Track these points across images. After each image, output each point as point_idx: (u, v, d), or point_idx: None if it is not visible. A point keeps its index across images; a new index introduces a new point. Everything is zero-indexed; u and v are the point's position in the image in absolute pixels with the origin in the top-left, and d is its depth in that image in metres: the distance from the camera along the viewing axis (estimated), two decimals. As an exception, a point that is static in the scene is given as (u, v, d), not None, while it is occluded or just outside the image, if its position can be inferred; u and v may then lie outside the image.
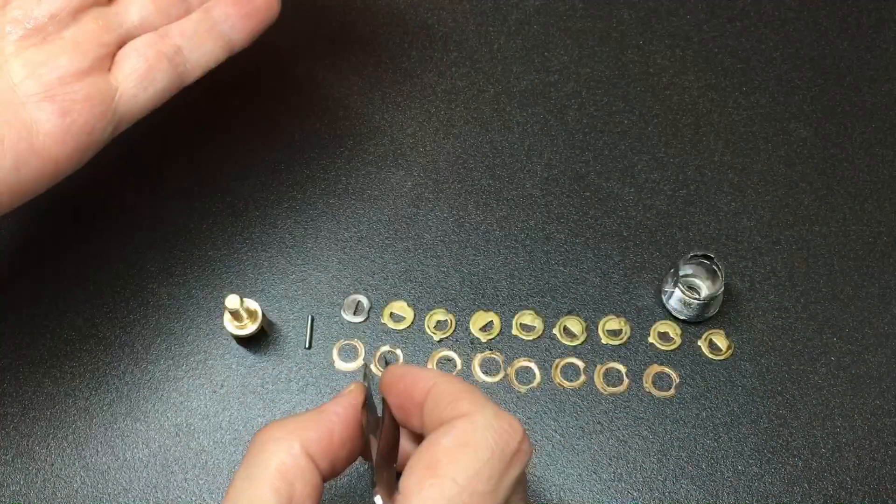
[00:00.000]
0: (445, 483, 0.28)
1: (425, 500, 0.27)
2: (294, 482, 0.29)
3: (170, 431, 0.42)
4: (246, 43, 0.40)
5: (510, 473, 0.29)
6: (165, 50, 0.38)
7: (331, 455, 0.31)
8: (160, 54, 0.38)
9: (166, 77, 0.38)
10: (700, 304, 0.43)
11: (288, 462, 0.29)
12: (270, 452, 0.30)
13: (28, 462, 0.42)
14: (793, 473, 0.41)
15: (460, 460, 0.28)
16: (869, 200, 0.48)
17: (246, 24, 0.39)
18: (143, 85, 0.37)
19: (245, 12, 0.39)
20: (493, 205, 0.48)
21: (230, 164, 0.49)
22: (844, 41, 0.53)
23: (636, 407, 0.43)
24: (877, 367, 0.44)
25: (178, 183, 0.48)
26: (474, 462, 0.28)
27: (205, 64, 0.39)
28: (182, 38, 0.38)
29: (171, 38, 0.38)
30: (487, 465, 0.28)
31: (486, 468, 0.28)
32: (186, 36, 0.38)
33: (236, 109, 0.50)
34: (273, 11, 0.40)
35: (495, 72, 0.52)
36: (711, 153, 0.49)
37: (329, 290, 0.45)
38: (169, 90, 0.38)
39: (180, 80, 0.39)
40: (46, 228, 0.47)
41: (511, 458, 0.29)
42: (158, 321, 0.45)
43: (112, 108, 0.37)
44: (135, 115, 0.38)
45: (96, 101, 0.36)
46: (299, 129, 0.50)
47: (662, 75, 0.52)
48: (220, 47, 0.39)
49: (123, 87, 0.37)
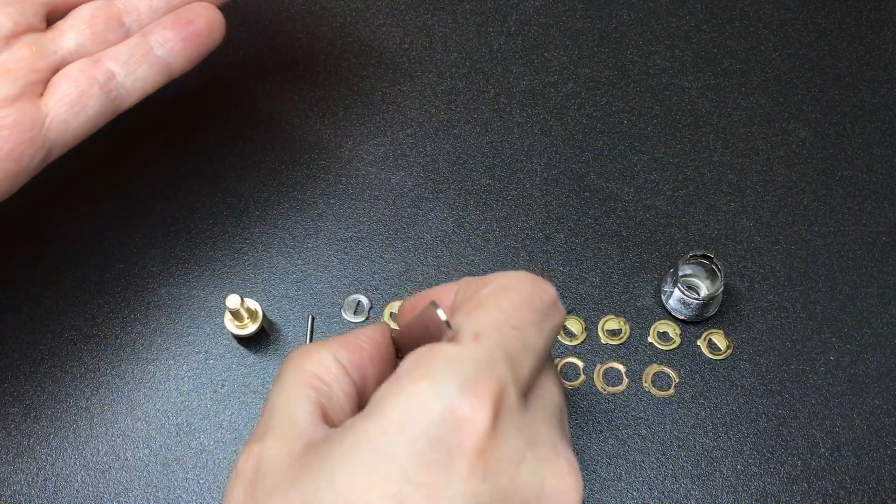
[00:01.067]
0: (492, 310, 0.28)
1: (475, 324, 0.28)
2: (331, 384, 0.29)
3: (170, 431, 0.42)
4: (186, 67, 0.39)
5: (550, 321, 0.29)
6: (98, 75, 0.37)
7: (361, 369, 0.30)
8: (92, 80, 0.37)
9: (98, 103, 0.37)
10: (699, 304, 0.44)
11: (321, 367, 0.29)
12: (303, 360, 0.30)
13: (29, 461, 0.42)
14: (792, 473, 0.42)
15: (503, 296, 0.29)
16: (868, 200, 0.48)
17: (185, 47, 0.39)
18: (73, 111, 0.37)
19: (184, 36, 0.38)
20: (493, 205, 0.48)
21: (230, 164, 0.49)
22: (844, 42, 0.53)
23: (635, 406, 0.43)
24: (876, 366, 0.44)
25: (178, 183, 0.48)
26: (516, 297, 0.29)
27: (141, 89, 0.39)
28: (116, 63, 0.38)
29: (105, 63, 0.38)
30: (528, 301, 0.29)
31: (528, 304, 0.29)
32: (121, 61, 0.38)
33: (236, 109, 0.50)
34: (215, 35, 0.39)
35: (495, 72, 0.52)
36: (711, 153, 0.50)
37: (329, 290, 0.46)
38: (102, 116, 0.38)
39: (114, 105, 0.38)
40: (47, 228, 0.47)
41: (548, 309, 0.30)
42: (159, 321, 0.45)
43: (41, 134, 0.36)
44: (67, 142, 0.37)
45: (25, 128, 0.35)
46: (299, 128, 0.50)
47: (662, 76, 0.52)
48: (156, 72, 0.39)
49: (54, 114, 0.36)
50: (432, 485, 0.25)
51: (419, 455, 0.25)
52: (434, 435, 0.25)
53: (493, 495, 0.25)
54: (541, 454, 0.27)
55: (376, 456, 0.25)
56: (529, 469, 0.26)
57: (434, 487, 0.25)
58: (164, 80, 0.39)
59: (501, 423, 0.26)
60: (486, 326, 0.28)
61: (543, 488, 0.26)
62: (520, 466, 0.26)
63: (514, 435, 0.26)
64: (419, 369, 0.26)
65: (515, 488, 0.26)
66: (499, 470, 0.25)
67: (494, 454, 0.25)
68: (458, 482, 0.25)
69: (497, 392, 0.26)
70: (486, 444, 0.25)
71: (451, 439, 0.25)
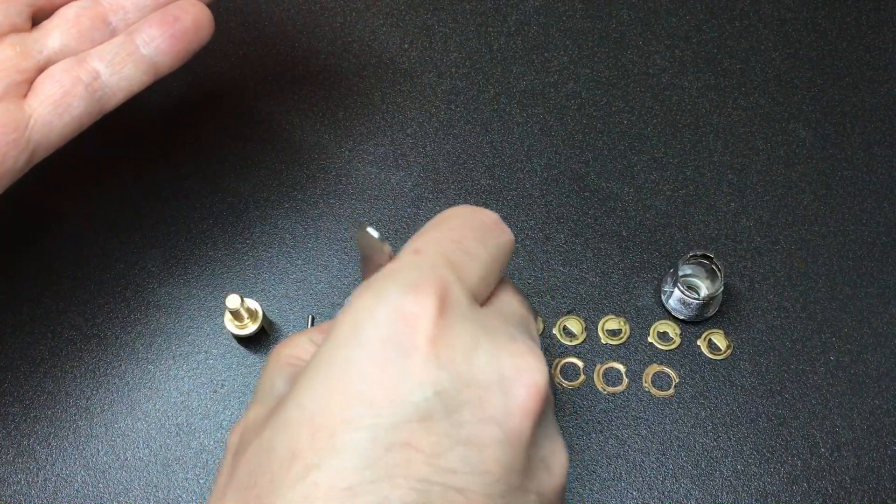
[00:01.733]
0: (430, 232, 0.29)
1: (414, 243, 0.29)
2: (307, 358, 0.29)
3: (170, 431, 0.42)
4: (173, 65, 0.39)
5: (493, 237, 0.30)
6: (83, 75, 0.37)
7: None
8: (77, 79, 0.37)
9: (83, 103, 0.37)
10: (699, 304, 0.44)
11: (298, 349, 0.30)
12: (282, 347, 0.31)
13: (29, 461, 0.42)
14: (792, 473, 0.42)
15: (441, 220, 0.30)
16: (868, 200, 0.48)
17: (172, 46, 0.38)
18: (57, 111, 0.36)
19: (171, 34, 0.38)
20: (493, 205, 0.48)
21: (230, 164, 0.49)
22: (844, 41, 0.53)
23: (635, 406, 0.43)
24: (876, 366, 0.44)
25: (178, 183, 0.48)
26: (454, 220, 0.30)
27: (126, 88, 0.38)
28: (101, 62, 0.37)
29: (90, 62, 0.37)
30: (467, 221, 0.30)
31: (467, 223, 0.30)
32: (106, 60, 0.37)
33: (236, 109, 0.50)
34: (203, 33, 0.39)
35: (495, 72, 0.52)
36: (711, 153, 0.50)
37: (329, 290, 0.46)
38: (87, 116, 0.37)
39: (99, 105, 0.37)
40: (47, 228, 0.47)
41: (489, 227, 0.30)
42: (159, 321, 0.45)
43: (25, 136, 0.36)
44: (52, 143, 0.37)
45: (9, 129, 0.35)
46: (299, 128, 0.50)
47: (662, 76, 0.52)
48: (143, 71, 0.38)
49: (38, 114, 0.36)
50: (391, 380, 0.25)
51: (373, 356, 0.25)
52: (384, 335, 0.26)
53: (452, 382, 0.25)
54: (497, 342, 0.27)
55: (333, 367, 0.26)
56: (486, 354, 0.26)
57: (393, 381, 0.25)
58: (151, 79, 0.38)
59: (449, 313, 0.26)
60: (425, 243, 0.29)
61: (503, 370, 0.26)
62: (475, 352, 0.26)
63: (464, 325, 0.27)
64: (361, 289, 0.27)
65: (473, 373, 0.26)
66: (453, 357, 0.26)
67: (446, 341, 0.26)
68: (415, 372, 0.25)
69: (440, 288, 0.27)
70: (436, 333, 0.26)
71: (401, 335, 0.26)
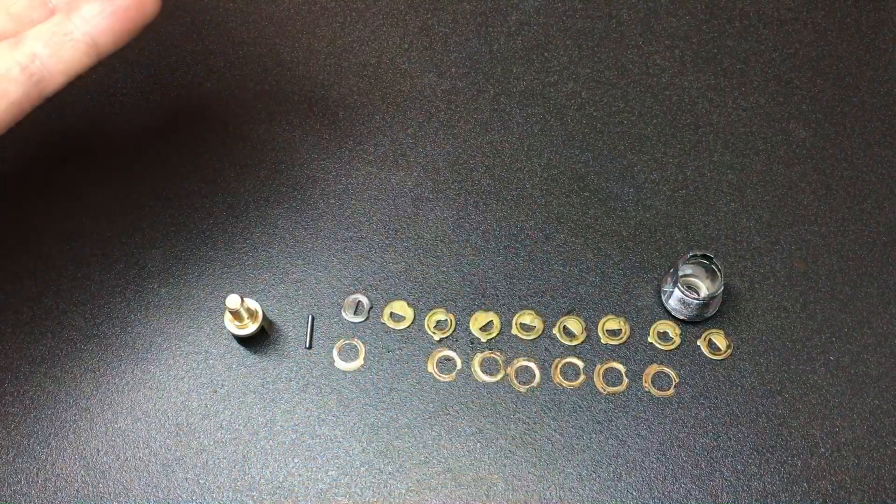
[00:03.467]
0: None
1: None
2: None
3: (170, 431, 0.42)
4: (117, 45, 0.36)
5: None
6: (19, 58, 0.34)
7: None
8: (12, 63, 0.34)
9: (21, 88, 0.34)
10: (699, 304, 0.44)
11: None
12: None
13: (29, 462, 0.42)
14: (792, 473, 0.42)
15: None
16: (868, 200, 0.48)
17: (113, 24, 0.35)
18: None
19: (111, 10, 0.35)
20: (493, 205, 0.48)
21: (230, 164, 0.49)
22: (843, 41, 0.53)
23: (635, 406, 0.43)
24: (876, 366, 0.44)
25: (178, 183, 0.48)
26: None
27: (66, 71, 0.35)
28: (37, 43, 0.34)
29: (26, 45, 0.34)
30: None
31: None
32: (42, 41, 0.34)
33: (237, 109, 0.50)
34: (147, 9, 0.36)
35: (495, 72, 0.52)
36: (711, 153, 0.50)
37: (329, 290, 0.46)
38: (26, 102, 0.35)
39: (38, 90, 0.35)
40: (46, 227, 0.47)
41: None
42: (158, 321, 0.45)
43: None
44: None
45: None
46: (299, 129, 0.50)
47: (662, 76, 0.52)
48: (83, 53, 0.35)
49: None
50: None
51: None
52: None
53: None
54: None
55: None
56: None
57: None
58: (92, 61, 0.36)
59: None
60: None
61: None
62: None
63: None
64: None
65: None
66: None
67: None
68: None
69: None
70: None
71: None
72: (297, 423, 0.42)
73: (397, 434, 0.42)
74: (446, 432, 0.42)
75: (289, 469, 0.41)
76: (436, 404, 0.43)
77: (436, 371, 0.44)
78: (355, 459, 0.41)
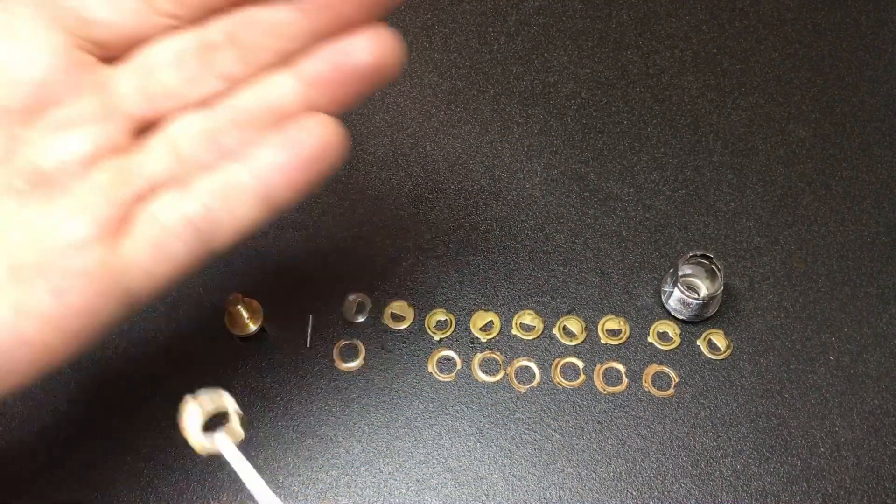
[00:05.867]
0: None
1: None
2: None
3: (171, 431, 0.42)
4: (293, 201, 0.30)
5: None
6: (189, 212, 0.29)
7: None
8: (181, 218, 0.29)
9: (187, 246, 0.29)
10: (699, 304, 0.44)
11: None
12: None
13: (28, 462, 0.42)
14: (792, 473, 0.42)
15: None
16: (867, 200, 0.48)
17: (291, 177, 0.30)
18: (156, 256, 0.29)
19: (290, 162, 0.30)
20: (493, 205, 0.48)
21: (230, 164, 0.49)
22: (843, 42, 0.53)
23: (635, 406, 0.43)
24: (876, 366, 0.44)
25: (178, 183, 0.48)
26: None
27: (238, 228, 0.30)
28: (211, 196, 0.29)
29: (195, 195, 0.29)
30: None
31: None
32: (216, 194, 0.29)
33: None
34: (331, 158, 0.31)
35: (495, 72, 0.52)
36: (710, 153, 0.50)
37: (329, 290, 0.46)
38: (193, 260, 0.30)
39: (206, 248, 0.30)
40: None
41: None
42: (158, 321, 0.45)
43: (119, 285, 0.28)
44: (152, 291, 0.30)
45: (97, 277, 0.28)
46: (299, 129, 0.50)
47: (661, 76, 0.52)
48: (257, 209, 0.30)
49: (134, 260, 0.29)
50: None
51: None
52: None
53: None
54: None
55: None
56: None
57: None
58: (269, 218, 0.30)
59: None
60: None
61: None
62: None
63: None
64: None
65: None
66: None
67: None
68: None
69: None
70: None
71: None
72: (297, 423, 0.42)
73: (397, 434, 0.42)
74: (446, 432, 0.42)
75: (289, 469, 0.41)
76: (436, 404, 0.43)
77: (436, 371, 0.44)
78: (355, 459, 0.41)
